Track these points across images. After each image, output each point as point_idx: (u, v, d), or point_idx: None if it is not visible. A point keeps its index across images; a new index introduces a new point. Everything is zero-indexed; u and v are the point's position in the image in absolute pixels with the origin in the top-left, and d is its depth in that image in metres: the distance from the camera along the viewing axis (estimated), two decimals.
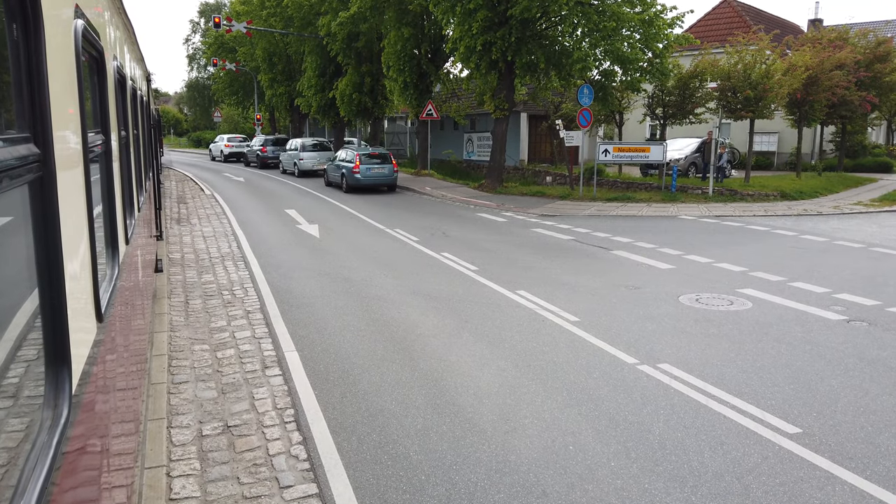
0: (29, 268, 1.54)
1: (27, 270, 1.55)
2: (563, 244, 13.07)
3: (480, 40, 20.23)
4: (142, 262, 5.60)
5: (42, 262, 1.54)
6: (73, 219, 1.86)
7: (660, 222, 15.93)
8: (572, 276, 10.25)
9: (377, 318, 8.02)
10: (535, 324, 7.75)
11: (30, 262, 1.54)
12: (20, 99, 1.44)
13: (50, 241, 1.56)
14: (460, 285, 9.64)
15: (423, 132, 29.68)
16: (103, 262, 2.91)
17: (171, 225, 15.68)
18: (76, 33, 2.07)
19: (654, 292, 9.17)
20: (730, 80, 19.43)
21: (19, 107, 1.44)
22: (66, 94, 1.85)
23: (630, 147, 19.98)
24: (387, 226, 15.44)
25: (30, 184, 1.47)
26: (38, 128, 1.49)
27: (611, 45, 18.69)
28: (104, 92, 3.24)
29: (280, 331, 7.57)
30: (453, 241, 13.45)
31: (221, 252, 12.39)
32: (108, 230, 3.15)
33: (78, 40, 2.08)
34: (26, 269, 1.55)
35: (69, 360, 1.61)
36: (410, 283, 9.84)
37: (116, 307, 2.93)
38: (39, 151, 1.48)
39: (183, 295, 9.30)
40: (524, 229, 15.10)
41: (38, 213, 1.53)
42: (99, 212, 2.98)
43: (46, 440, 1.44)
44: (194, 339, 7.32)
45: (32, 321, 1.62)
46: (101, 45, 2.93)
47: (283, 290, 9.45)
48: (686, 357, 6.61)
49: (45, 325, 1.57)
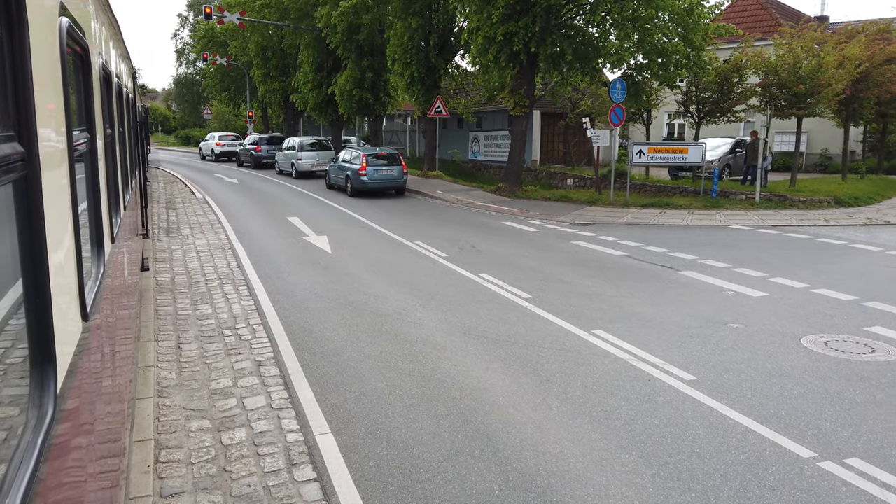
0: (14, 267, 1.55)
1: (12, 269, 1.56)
2: (617, 262, 11.25)
3: (501, 30, 18.35)
4: (128, 261, 5.47)
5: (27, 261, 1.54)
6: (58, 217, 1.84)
7: (714, 234, 14.13)
8: (650, 306, 8.42)
9: (429, 376, 6.15)
10: (638, 384, 5.91)
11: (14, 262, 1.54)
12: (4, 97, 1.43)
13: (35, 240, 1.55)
14: (518, 321, 7.79)
15: (430, 131, 27.77)
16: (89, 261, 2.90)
17: (158, 236, 13.72)
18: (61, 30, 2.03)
19: (765, 332, 7.36)
20: (777, 75, 17.67)
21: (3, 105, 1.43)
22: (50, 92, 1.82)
23: (666, 148, 18.19)
24: (406, 237, 13.56)
25: (14, 182, 1.47)
26: (23, 126, 1.48)
27: (648, 35, 16.88)
28: (89, 89, 3.18)
29: (305, 395, 5.69)
30: (487, 257, 11.60)
31: (219, 272, 10.47)
32: (94, 229, 3.13)
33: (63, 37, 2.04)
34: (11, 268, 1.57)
35: (54, 359, 1.60)
36: (455, 317, 7.98)
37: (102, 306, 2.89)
38: (24, 150, 1.46)
39: (174, 335, 7.39)
40: (562, 241, 13.27)
41: (22, 212, 1.52)
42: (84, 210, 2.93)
43: (31, 439, 1.42)
44: (190, 411, 5.43)
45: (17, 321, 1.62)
46: (86, 42, 2.87)
47: (299, 328, 7.57)
48: (874, 445, 4.79)
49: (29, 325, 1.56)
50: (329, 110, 34.94)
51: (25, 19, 1.42)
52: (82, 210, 2.77)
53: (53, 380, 1.58)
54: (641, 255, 11.81)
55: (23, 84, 1.45)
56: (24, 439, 1.42)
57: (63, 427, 1.69)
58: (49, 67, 1.81)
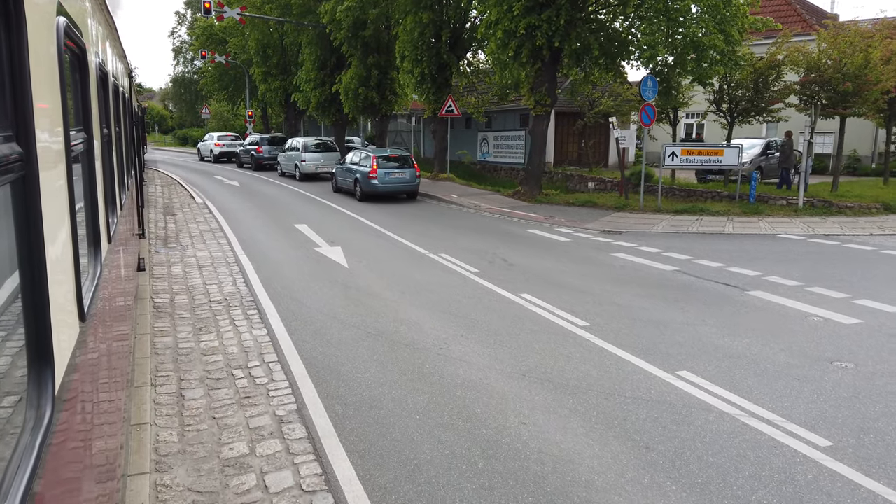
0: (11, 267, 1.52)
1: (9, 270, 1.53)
2: (670, 279, 10.03)
3: (523, 23, 17.11)
4: (124, 261, 5.43)
5: (24, 261, 1.51)
6: (55, 217, 1.82)
7: (764, 244, 12.92)
8: (730, 337, 7.21)
9: (495, 440, 4.91)
10: (763, 453, 4.68)
11: (12, 262, 1.51)
12: (1, 97, 1.40)
13: (32, 240, 1.52)
14: (584, 359, 6.57)
15: (440, 131, 26.51)
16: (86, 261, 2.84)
17: (156, 246, 12.48)
18: (58, 29, 1.98)
19: (886, 374, 6.14)
20: (819, 71, 16.47)
21: (1, 105, 1.40)
22: (48, 92, 1.79)
23: (701, 150, 16.97)
24: (427, 248, 12.33)
25: (12, 183, 1.44)
26: (20, 126, 1.45)
27: (684, 28, 15.66)
28: (86, 89, 3.10)
29: (343, 472, 4.45)
30: (523, 272, 10.37)
31: (224, 292, 9.23)
32: (91, 229, 3.11)
33: (60, 37, 2.00)
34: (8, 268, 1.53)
35: (52, 359, 1.58)
36: (507, 353, 6.75)
37: (99, 306, 2.85)
38: (21, 150, 1.44)
39: (174, 377, 6.16)
40: (600, 253, 12.05)
41: (20, 212, 1.49)
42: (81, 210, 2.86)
43: (30, 441, 1.40)
44: (196, 495, 4.19)
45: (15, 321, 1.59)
46: (83, 41, 2.82)
47: (323, 368, 6.34)
48: None
49: (27, 325, 1.53)
50: (332, 110, 33.66)
51: (24, 18, 1.41)
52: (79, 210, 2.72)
53: (51, 380, 1.56)
54: (695, 270, 10.59)
55: (20, 83, 1.44)
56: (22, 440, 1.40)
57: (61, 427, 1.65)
58: (47, 67, 1.78)
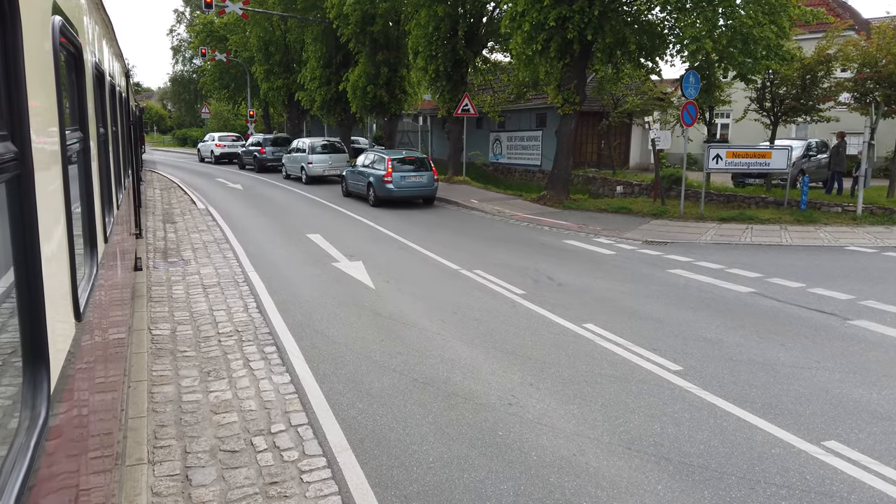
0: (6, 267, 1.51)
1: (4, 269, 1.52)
2: (750, 303, 8.66)
3: (553, 14, 15.75)
4: (121, 261, 5.30)
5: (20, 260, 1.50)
6: (51, 217, 1.81)
7: (837, 259, 11.54)
8: (865, 387, 5.84)
9: None
10: None
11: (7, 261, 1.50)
12: None
13: (28, 240, 1.51)
14: (698, 424, 5.19)
15: (455, 132, 25.15)
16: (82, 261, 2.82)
17: (154, 261, 11.09)
18: (54, 29, 1.97)
19: None
20: (877, 67, 15.12)
21: None
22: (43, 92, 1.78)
23: (748, 152, 15.60)
24: (459, 264, 10.95)
25: (7, 182, 1.43)
26: (16, 126, 1.44)
27: (733, 18, 14.29)
28: (82, 89, 3.08)
29: None
30: (577, 295, 9.00)
31: (234, 321, 7.85)
32: (87, 228, 3.08)
33: (56, 36, 1.98)
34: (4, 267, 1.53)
35: (47, 359, 1.56)
36: (597, 413, 5.37)
37: (95, 306, 2.83)
38: (17, 149, 1.43)
39: (178, 449, 4.77)
40: (655, 269, 10.68)
41: (15, 212, 1.48)
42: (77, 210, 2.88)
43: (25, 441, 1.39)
44: None
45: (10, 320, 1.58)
46: (79, 41, 2.79)
47: (368, 436, 4.96)
48: None
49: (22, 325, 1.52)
50: (338, 109, 32.31)
51: (18, 17, 1.40)
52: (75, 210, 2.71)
53: (46, 380, 1.54)
54: (773, 291, 9.22)
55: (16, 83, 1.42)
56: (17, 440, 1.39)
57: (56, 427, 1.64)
58: (42, 66, 1.76)
